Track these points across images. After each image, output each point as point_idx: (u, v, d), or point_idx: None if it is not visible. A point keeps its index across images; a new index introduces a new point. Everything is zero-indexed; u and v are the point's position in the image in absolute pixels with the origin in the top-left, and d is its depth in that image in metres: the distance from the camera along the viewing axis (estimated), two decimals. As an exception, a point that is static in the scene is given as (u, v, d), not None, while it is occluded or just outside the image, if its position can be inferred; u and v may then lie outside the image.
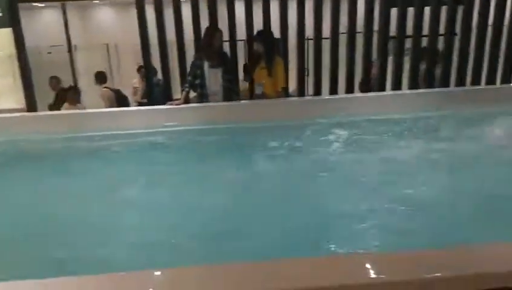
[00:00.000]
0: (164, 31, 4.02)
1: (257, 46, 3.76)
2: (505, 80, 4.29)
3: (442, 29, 4.20)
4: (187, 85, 3.63)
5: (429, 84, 4.15)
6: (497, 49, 4.23)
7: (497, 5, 4.13)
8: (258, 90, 3.84)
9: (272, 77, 3.70)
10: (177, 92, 4.21)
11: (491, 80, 4.30)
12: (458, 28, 4.22)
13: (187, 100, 3.61)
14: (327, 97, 4.05)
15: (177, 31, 4.02)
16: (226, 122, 3.29)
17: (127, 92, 5.73)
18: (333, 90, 4.23)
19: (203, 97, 3.65)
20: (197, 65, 3.60)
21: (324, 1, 4.11)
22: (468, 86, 4.19)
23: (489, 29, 4.21)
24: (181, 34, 4.04)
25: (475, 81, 4.27)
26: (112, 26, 8.23)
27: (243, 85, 4.30)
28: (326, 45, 4.21)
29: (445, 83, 4.23)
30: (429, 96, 3.73)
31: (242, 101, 3.87)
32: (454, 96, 3.75)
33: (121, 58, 8.17)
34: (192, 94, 3.79)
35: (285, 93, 3.91)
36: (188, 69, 3.77)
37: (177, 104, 3.51)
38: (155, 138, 3.17)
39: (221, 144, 3.07)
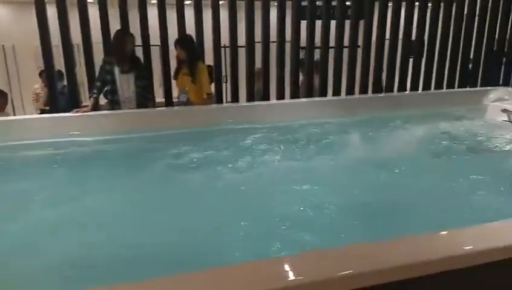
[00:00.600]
0: (69, 32, 3.73)
1: (178, 52, 3.68)
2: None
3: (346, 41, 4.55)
4: (95, 91, 3.40)
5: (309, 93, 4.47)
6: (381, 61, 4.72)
7: (392, 21, 4.60)
8: (182, 98, 3.76)
9: (195, 84, 3.65)
10: (86, 99, 3.93)
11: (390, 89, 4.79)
12: (360, 41, 4.61)
13: (95, 107, 3.38)
14: (243, 104, 4.10)
15: (83, 32, 3.76)
16: (134, 131, 3.13)
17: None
18: (251, 97, 4.32)
19: (114, 104, 3.44)
20: (107, 70, 3.39)
21: (239, 9, 4.19)
22: (370, 94, 4.62)
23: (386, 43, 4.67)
24: (88, 35, 3.79)
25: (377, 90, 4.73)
26: (8, 26, 7.46)
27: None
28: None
29: (351, 92, 4.60)
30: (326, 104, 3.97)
31: (157, 108, 3.74)
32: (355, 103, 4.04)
33: (21, 62, 7.46)
34: (104, 101, 3.57)
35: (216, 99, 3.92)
36: (97, 74, 3.55)
37: (84, 112, 3.26)
38: (56, 149, 2.88)
39: (122, 153, 2.87)
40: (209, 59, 4.21)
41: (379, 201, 2.02)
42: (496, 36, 4.91)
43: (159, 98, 4.23)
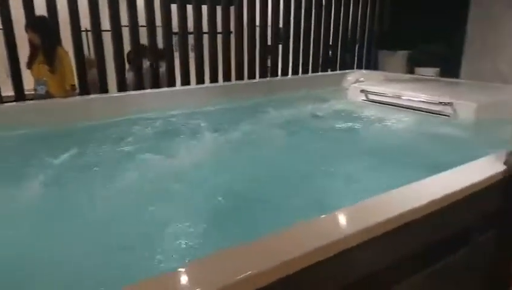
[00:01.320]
0: None
1: (31, 37, 3.13)
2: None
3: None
4: None
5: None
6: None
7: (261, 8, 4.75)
8: (40, 90, 3.23)
9: (54, 74, 3.16)
10: None
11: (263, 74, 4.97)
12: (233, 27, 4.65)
13: None
14: (114, 95, 3.74)
15: None
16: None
17: None
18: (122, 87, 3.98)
19: None
20: None
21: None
22: (246, 80, 4.72)
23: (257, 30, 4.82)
24: None
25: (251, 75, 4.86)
26: None
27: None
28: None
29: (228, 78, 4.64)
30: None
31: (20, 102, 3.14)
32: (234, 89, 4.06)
33: None
34: None
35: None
36: None
37: None
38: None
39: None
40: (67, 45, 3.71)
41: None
42: (349, 25, 5.51)
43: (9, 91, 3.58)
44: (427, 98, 3.21)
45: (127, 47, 4.09)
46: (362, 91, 3.67)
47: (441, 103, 3.08)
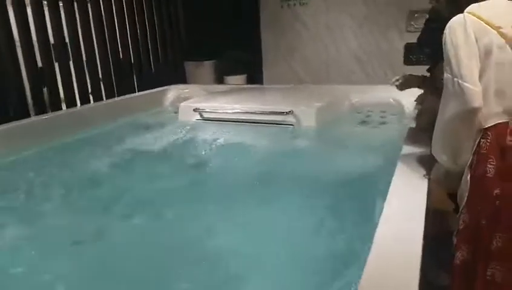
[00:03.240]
0: None
1: None
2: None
3: None
4: None
5: None
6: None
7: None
8: None
9: None
10: None
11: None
12: None
13: None
14: None
15: None
16: None
17: None
18: None
19: None
20: None
21: None
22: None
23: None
24: None
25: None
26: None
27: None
28: None
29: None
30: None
31: None
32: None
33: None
34: None
35: None
36: None
37: None
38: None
39: None
40: None
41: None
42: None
43: None
44: (267, 108, 3.05)
45: None
46: (196, 110, 3.23)
47: (282, 112, 2.97)
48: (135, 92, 4.22)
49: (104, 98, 3.88)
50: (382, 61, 4.54)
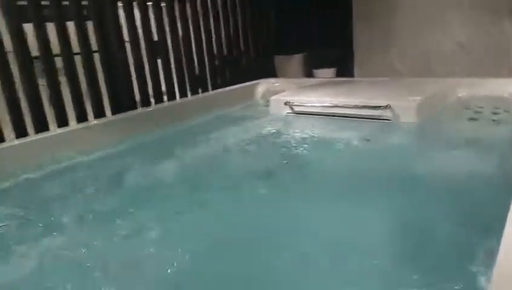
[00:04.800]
0: None
1: None
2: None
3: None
4: None
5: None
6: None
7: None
8: None
9: None
10: None
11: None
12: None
13: None
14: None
15: None
16: None
17: None
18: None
19: None
20: None
21: None
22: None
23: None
24: None
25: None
26: None
27: None
28: None
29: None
30: None
31: None
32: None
33: None
34: None
35: None
36: None
37: None
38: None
39: None
40: None
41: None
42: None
43: None
44: (362, 102, 2.92)
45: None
46: (286, 103, 3.23)
47: (379, 107, 2.82)
48: (228, 86, 4.37)
49: (200, 91, 4.10)
50: (492, 51, 4.08)
